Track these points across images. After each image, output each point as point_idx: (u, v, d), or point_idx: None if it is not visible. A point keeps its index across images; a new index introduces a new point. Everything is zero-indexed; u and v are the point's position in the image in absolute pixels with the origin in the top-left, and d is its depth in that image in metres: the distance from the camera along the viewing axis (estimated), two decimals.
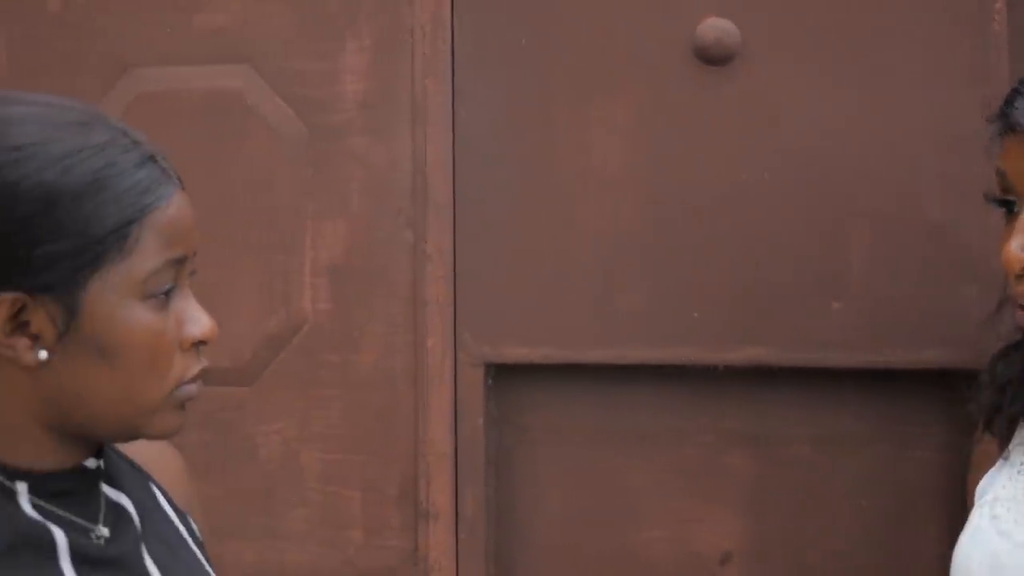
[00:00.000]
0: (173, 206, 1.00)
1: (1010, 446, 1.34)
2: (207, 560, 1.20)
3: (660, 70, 1.77)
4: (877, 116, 1.70)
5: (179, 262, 1.00)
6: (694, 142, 1.76)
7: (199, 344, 1.03)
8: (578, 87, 1.80)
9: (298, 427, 1.91)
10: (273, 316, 1.92)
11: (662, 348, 1.77)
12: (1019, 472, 1.31)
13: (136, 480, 1.16)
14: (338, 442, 1.90)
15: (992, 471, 1.36)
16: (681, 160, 1.77)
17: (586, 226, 1.80)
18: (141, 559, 1.08)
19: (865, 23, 1.70)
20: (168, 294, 1.00)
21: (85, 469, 1.06)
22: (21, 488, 1.01)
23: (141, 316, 0.98)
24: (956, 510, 1.66)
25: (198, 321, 1.02)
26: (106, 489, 1.09)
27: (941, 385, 1.70)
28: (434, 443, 1.84)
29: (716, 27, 1.74)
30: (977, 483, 1.37)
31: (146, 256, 0.97)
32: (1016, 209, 1.26)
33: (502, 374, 1.84)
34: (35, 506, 1.01)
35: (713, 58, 1.75)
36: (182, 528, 1.19)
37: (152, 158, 1.01)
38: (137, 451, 1.18)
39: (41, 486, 1.02)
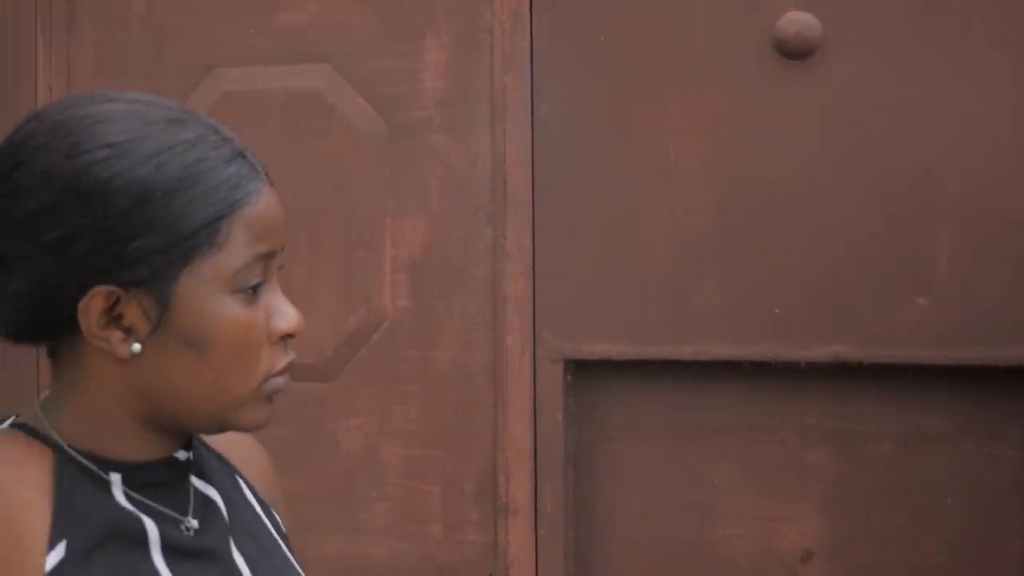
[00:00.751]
0: (262, 201, 1.01)
1: None
2: (291, 553, 1.22)
3: (740, 65, 1.76)
4: (962, 110, 1.67)
5: (267, 256, 1.01)
6: (774, 137, 1.75)
7: (286, 337, 1.04)
8: (657, 82, 1.80)
9: (378, 423, 1.93)
10: (354, 313, 1.94)
11: (742, 344, 1.76)
12: None
13: (223, 473, 1.17)
14: (418, 438, 1.91)
15: None
16: (760, 155, 1.75)
17: (665, 222, 1.79)
18: (229, 551, 1.09)
19: (950, 15, 1.68)
20: (257, 288, 1.01)
21: (176, 461, 1.08)
22: (115, 479, 1.02)
23: (230, 310, 0.99)
24: None
25: (286, 314, 1.03)
26: (195, 481, 1.11)
27: None
28: (513, 439, 1.84)
29: (797, 21, 1.73)
30: None
31: (236, 250, 0.98)
32: None
33: (581, 370, 1.85)
34: (128, 497, 1.03)
35: (794, 52, 1.74)
36: (267, 521, 1.20)
37: (242, 154, 1.02)
38: (224, 444, 1.20)
39: (134, 477, 1.03)
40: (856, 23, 1.72)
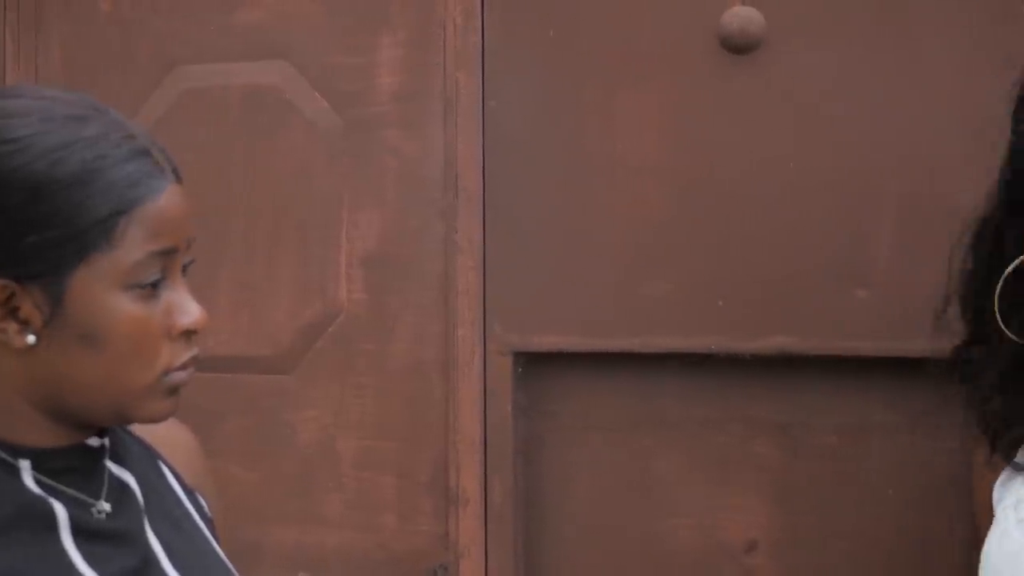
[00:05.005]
0: (163, 199, 1.03)
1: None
2: (215, 538, 1.24)
3: (686, 60, 1.78)
4: (904, 103, 1.68)
5: (167, 254, 1.04)
6: (720, 131, 1.76)
7: (190, 333, 1.07)
8: (606, 78, 1.82)
9: (334, 414, 1.96)
10: (310, 306, 1.97)
11: (688, 336, 1.77)
12: None
13: (143, 458, 1.20)
14: (372, 429, 1.94)
15: (1003, 479, 1.34)
16: (707, 149, 1.77)
17: (614, 215, 1.81)
18: (143, 534, 1.12)
19: (892, 9, 1.69)
20: (156, 284, 1.04)
21: (88, 447, 1.11)
22: (24, 464, 1.06)
23: (124, 305, 1.02)
24: None
25: (188, 311, 1.06)
26: (111, 466, 1.14)
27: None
28: (464, 431, 1.87)
29: (741, 16, 1.74)
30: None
31: (131, 247, 1.01)
32: None
33: (531, 363, 1.86)
34: (38, 482, 1.06)
35: (738, 47, 1.75)
36: (190, 506, 1.23)
37: (146, 152, 1.04)
38: (148, 430, 1.23)
39: (43, 462, 1.07)
40: (800, 18, 1.73)
